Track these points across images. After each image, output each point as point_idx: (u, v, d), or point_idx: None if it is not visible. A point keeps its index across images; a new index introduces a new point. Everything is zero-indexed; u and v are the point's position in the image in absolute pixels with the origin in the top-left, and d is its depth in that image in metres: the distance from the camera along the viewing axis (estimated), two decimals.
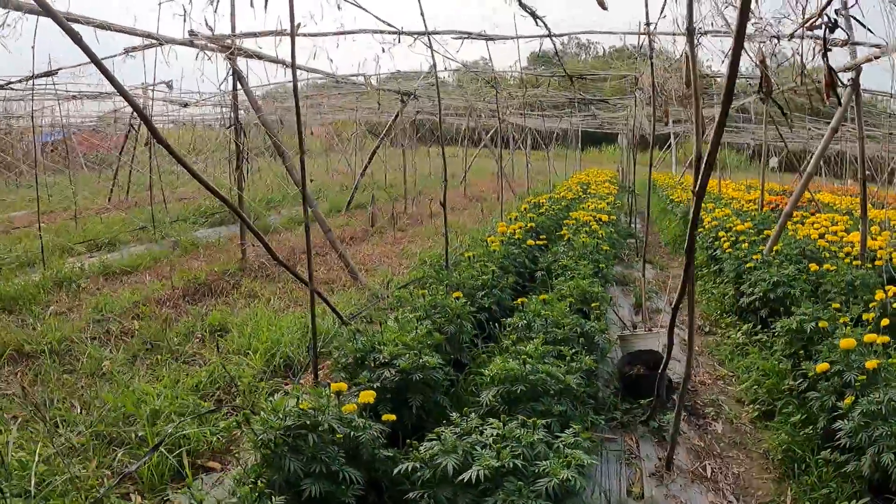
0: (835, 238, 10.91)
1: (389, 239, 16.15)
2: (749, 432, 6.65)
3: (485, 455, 3.70)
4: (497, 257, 9.11)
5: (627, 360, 7.11)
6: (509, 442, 3.87)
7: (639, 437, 6.19)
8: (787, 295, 8.42)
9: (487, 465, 3.57)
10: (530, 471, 3.68)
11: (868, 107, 16.56)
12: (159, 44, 9.13)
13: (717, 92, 14.99)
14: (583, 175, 31.25)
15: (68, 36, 4.28)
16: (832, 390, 5.61)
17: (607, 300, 8.30)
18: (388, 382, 5.03)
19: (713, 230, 13.23)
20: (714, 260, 12.08)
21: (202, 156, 16.72)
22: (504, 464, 3.59)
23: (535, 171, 30.97)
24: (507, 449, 3.75)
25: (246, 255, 12.24)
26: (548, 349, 5.48)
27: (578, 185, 23.66)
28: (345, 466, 3.88)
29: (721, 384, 7.82)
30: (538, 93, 19.12)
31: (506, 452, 3.70)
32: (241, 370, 7.04)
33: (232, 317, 8.81)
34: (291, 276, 6.27)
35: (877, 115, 19.29)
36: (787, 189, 25.67)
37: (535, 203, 15.98)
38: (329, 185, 26.87)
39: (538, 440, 3.89)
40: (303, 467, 3.77)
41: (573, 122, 31.64)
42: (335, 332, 8.09)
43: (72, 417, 5.84)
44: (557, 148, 39.11)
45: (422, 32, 9.36)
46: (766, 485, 5.69)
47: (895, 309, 6.88)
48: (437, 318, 6.45)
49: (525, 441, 3.85)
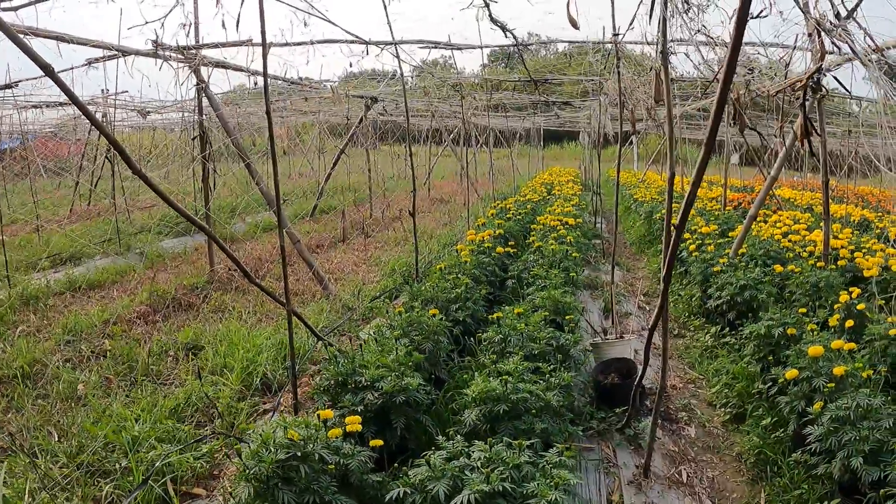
0: (798, 238, 11.11)
1: (357, 245, 16.14)
2: (721, 435, 6.78)
3: (474, 479, 3.77)
4: (468, 268, 9.15)
5: (600, 368, 7.21)
6: (496, 464, 3.93)
7: (615, 445, 6.28)
8: (753, 298, 8.58)
9: (478, 489, 3.64)
10: (518, 492, 3.75)
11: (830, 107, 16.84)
12: (122, 55, 9.09)
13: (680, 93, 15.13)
14: (546, 175, 31.43)
15: (20, 49, 4.23)
16: (801, 395, 5.74)
17: (580, 310, 8.38)
18: (371, 405, 5.08)
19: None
20: (680, 262, 12.23)
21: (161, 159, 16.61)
22: (494, 487, 3.67)
23: (499, 169, 31.05)
24: (496, 472, 3.81)
25: (214, 267, 12.19)
26: (526, 366, 5.55)
27: (543, 186, 23.77)
28: (337, 495, 3.93)
29: (692, 388, 7.95)
30: (501, 96, 19.19)
31: (495, 476, 3.77)
32: (219, 391, 7.03)
33: (205, 333, 8.76)
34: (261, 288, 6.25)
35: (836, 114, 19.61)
36: (748, 184, 26.02)
37: (502, 208, 16.07)
38: (292, 189, 26.71)
39: (524, 462, 3.97)
40: (296, 498, 3.80)
41: (535, 122, 31.80)
42: (310, 349, 8.15)
43: (50, 446, 5.78)
44: (520, 146, 39.25)
45: (389, 42, 9.41)
46: (740, 487, 5.82)
47: (860, 310, 7.05)
48: (415, 335, 6.49)
49: (512, 463, 3.91)
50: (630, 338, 8.04)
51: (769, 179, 10.67)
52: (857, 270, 9.11)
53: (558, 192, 21.60)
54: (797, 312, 7.42)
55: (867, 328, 6.58)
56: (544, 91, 18.58)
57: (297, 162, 34.23)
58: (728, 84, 3.27)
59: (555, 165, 43.82)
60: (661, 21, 5.29)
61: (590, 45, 10.72)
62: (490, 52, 16.14)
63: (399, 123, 28.17)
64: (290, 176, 31.83)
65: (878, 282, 8.41)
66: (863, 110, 15.54)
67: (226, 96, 17.10)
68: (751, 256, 10.33)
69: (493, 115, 23.98)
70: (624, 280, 13.12)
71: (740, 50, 3.36)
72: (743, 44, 3.45)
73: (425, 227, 17.89)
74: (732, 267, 9.60)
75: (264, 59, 5.75)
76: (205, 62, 9.88)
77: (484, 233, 11.45)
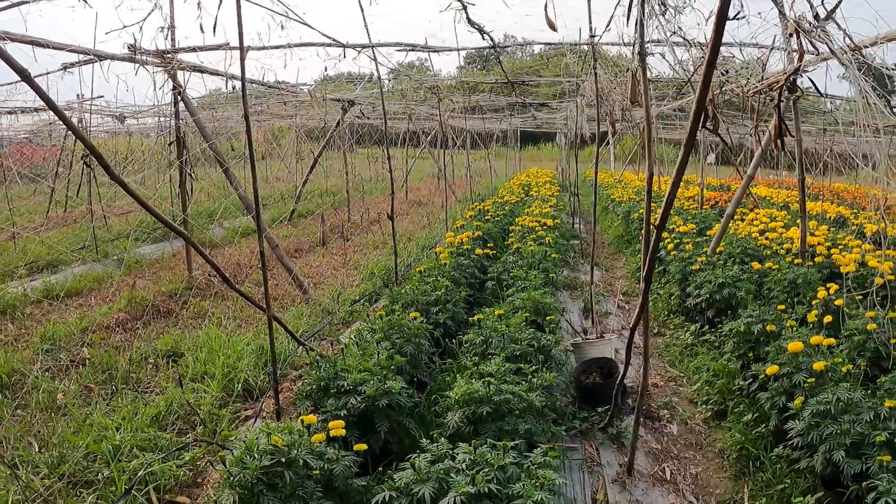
0: (775, 235, 11.19)
1: (336, 250, 16.10)
2: (703, 432, 6.81)
3: (459, 481, 3.77)
4: (448, 270, 9.16)
5: (582, 368, 7.24)
6: (481, 466, 3.94)
7: (598, 444, 6.30)
8: (732, 295, 8.63)
9: (464, 491, 3.64)
10: (504, 493, 3.75)
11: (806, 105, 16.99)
12: (98, 59, 9.04)
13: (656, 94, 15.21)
14: (524, 176, 31.47)
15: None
16: (782, 391, 5.79)
17: (560, 311, 8.40)
18: (354, 409, 5.07)
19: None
20: (658, 261, 12.29)
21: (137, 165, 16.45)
22: (479, 489, 3.67)
23: (476, 171, 31.10)
24: (481, 474, 3.81)
25: (192, 273, 12.12)
26: (508, 367, 5.56)
27: (520, 187, 23.81)
28: (322, 500, 3.93)
29: (673, 385, 7.98)
30: (478, 98, 19.22)
31: (480, 477, 3.76)
32: (200, 398, 6.99)
33: (184, 340, 8.71)
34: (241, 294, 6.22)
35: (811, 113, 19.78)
36: (725, 183, 26.20)
37: (480, 210, 16.08)
38: (270, 193, 26.60)
39: (509, 463, 3.97)
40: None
41: (512, 124, 31.87)
42: (291, 354, 8.12)
43: (31, 457, 5.71)
44: (497, 148, 39.33)
45: (366, 45, 9.42)
46: (723, 483, 5.86)
47: (838, 306, 7.10)
48: (396, 338, 6.49)
49: (497, 464, 3.91)
50: (611, 337, 8.07)
51: (746, 178, 10.74)
52: (834, 267, 9.19)
53: (536, 193, 21.64)
54: (776, 309, 7.49)
55: (845, 324, 6.64)
56: (521, 93, 18.63)
57: (274, 166, 34.12)
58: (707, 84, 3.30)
59: (532, 167, 43.88)
60: (639, 22, 5.32)
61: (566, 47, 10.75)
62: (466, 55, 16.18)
63: (376, 126, 28.16)
64: (267, 180, 31.73)
65: (854, 277, 8.49)
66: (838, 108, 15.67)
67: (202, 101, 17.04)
68: (729, 254, 10.40)
69: (470, 117, 24.02)
70: (603, 280, 13.16)
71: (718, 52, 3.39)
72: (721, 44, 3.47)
73: (404, 230, 17.88)
74: (710, 265, 9.66)
75: (242, 63, 5.74)
76: (182, 66, 9.83)
77: (462, 235, 11.46)
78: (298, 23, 7.72)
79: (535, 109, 24.17)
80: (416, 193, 28.67)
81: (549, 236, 11.92)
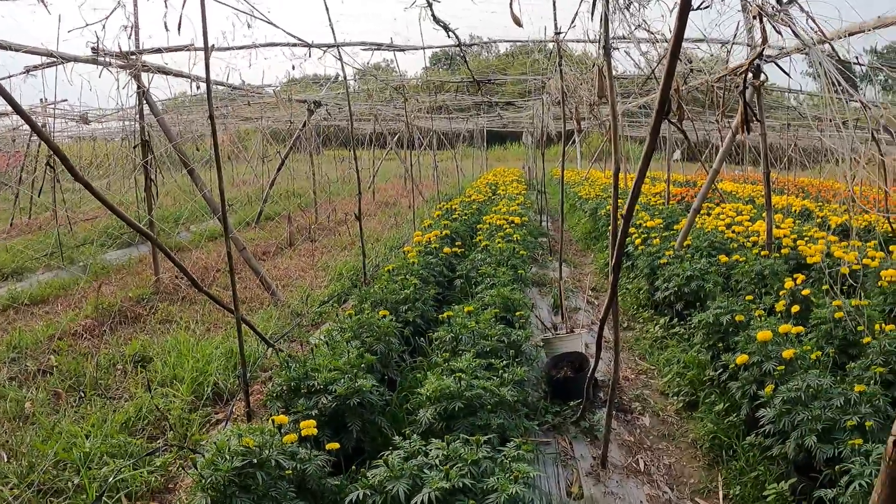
0: (741, 228, 11.28)
1: (304, 251, 16.01)
2: (675, 423, 6.86)
3: (433, 477, 3.74)
4: (416, 269, 9.14)
5: (553, 363, 7.25)
6: (455, 461, 3.92)
7: (571, 438, 6.31)
8: (700, 288, 8.70)
9: (438, 486, 3.61)
10: (478, 488, 3.74)
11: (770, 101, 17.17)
12: (62, 61, 8.93)
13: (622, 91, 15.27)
14: (491, 175, 31.53)
15: None
16: (752, 379, 5.84)
17: (529, 306, 8.41)
18: (325, 409, 5.03)
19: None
20: (626, 256, 12.33)
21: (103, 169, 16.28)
22: (454, 484, 3.65)
23: (443, 171, 31.09)
24: (455, 469, 3.79)
25: (160, 278, 11.99)
26: (479, 363, 5.55)
27: (487, 187, 23.83)
28: (296, 500, 3.89)
29: (644, 378, 8.02)
30: (444, 98, 19.20)
31: (454, 472, 3.75)
32: (170, 402, 6.91)
33: (153, 345, 8.62)
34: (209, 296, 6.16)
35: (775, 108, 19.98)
36: (690, 179, 26.40)
37: (448, 209, 16.07)
38: (236, 196, 26.39)
39: (483, 457, 3.95)
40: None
41: (479, 123, 31.89)
42: (260, 356, 8.05)
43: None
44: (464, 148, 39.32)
45: (331, 45, 9.37)
46: (697, 472, 5.91)
47: (805, 296, 7.17)
48: (366, 337, 6.46)
49: (470, 459, 3.90)
50: (580, 332, 8.10)
51: (711, 172, 10.81)
52: (800, 258, 9.27)
53: (503, 192, 21.68)
54: (744, 300, 7.54)
55: (813, 312, 6.70)
56: (487, 92, 18.64)
57: (241, 168, 33.83)
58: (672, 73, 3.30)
59: (499, 166, 44.00)
60: (603, 17, 5.33)
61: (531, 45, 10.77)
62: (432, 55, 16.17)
63: (342, 127, 28.04)
64: (234, 183, 31.43)
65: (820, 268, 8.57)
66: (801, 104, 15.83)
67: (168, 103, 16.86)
68: (696, 248, 10.47)
69: (437, 117, 24.00)
70: (571, 276, 13.20)
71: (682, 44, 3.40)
72: (684, 38, 3.49)
73: (372, 231, 17.83)
74: (678, 259, 9.72)
75: (206, 63, 5.68)
76: (146, 68, 9.73)
77: (430, 234, 11.44)
78: (264, 22, 7.67)
79: (501, 108, 24.22)
80: (384, 194, 28.59)
81: (516, 234, 11.94)
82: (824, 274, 7.74)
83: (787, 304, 7.07)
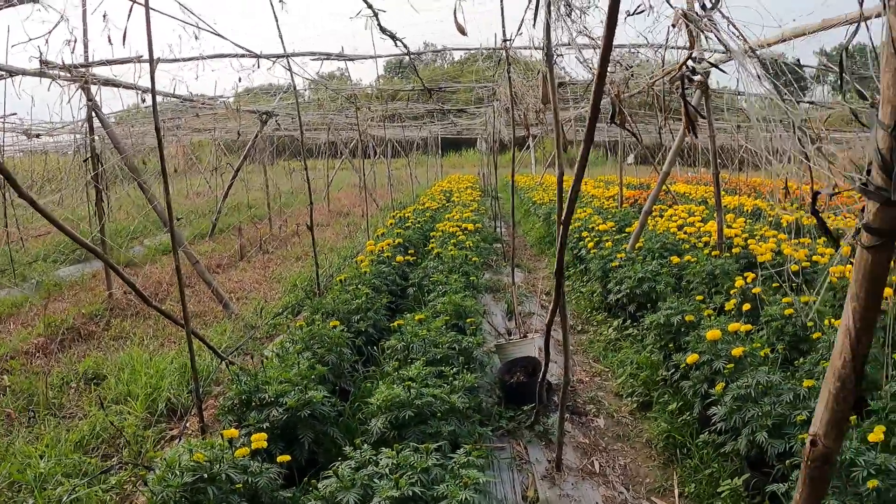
0: (693, 229, 11.38)
1: (258, 263, 15.88)
2: (630, 424, 6.90)
3: (383, 486, 3.72)
4: (368, 278, 9.10)
5: (506, 368, 7.24)
6: (405, 470, 3.90)
7: (526, 442, 6.31)
8: (652, 289, 8.75)
9: (388, 496, 3.59)
10: (429, 495, 3.72)
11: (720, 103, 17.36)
12: (9, 75, 8.77)
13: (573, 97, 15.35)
14: (445, 183, 31.51)
15: None
16: (703, 378, 5.89)
17: (481, 313, 8.40)
18: (276, 421, 4.99)
19: (577, 230, 13.55)
20: (580, 259, 12.40)
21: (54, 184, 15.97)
22: (403, 492, 3.62)
23: (397, 179, 31.06)
24: (405, 478, 3.77)
25: (113, 294, 11.81)
26: (430, 371, 5.53)
27: (442, 194, 23.82)
28: None
29: (598, 380, 8.05)
30: (397, 106, 19.18)
31: (404, 481, 3.73)
32: (124, 420, 6.80)
33: (106, 362, 8.49)
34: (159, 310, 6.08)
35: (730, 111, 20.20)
36: (644, 182, 26.61)
37: (401, 217, 16.04)
38: (191, 208, 26.12)
39: (433, 465, 3.93)
40: None
41: (432, 131, 31.91)
42: (214, 370, 7.95)
43: None
44: (418, 155, 39.33)
45: (280, 55, 9.29)
46: (652, 472, 5.95)
47: (755, 294, 7.24)
48: (317, 348, 6.41)
49: (420, 467, 3.88)
50: (534, 336, 8.08)
51: (661, 175, 10.89)
52: (751, 257, 9.37)
53: (457, 199, 21.66)
54: (695, 300, 7.60)
55: (764, 310, 6.77)
56: (439, 99, 18.65)
57: (194, 181, 33.50)
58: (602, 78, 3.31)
59: (454, 173, 44.03)
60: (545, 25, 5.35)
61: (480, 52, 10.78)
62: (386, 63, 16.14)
63: (296, 137, 27.87)
64: (188, 196, 31.14)
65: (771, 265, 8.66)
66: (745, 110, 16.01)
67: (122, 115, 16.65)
68: (648, 250, 10.54)
69: (390, 126, 23.97)
70: (526, 281, 13.22)
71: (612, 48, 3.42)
72: (616, 45, 3.51)
73: (326, 241, 17.73)
74: (630, 261, 9.78)
75: (152, 76, 5.62)
76: (94, 80, 9.58)
77: (383, 242, 11.41)
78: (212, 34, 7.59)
79: (454, 116, 24.24)
80: (338, 204, 28.44)
81: (469, 240, 11.93)
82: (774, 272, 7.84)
83: (738, 303, 7.14)
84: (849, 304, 2.14)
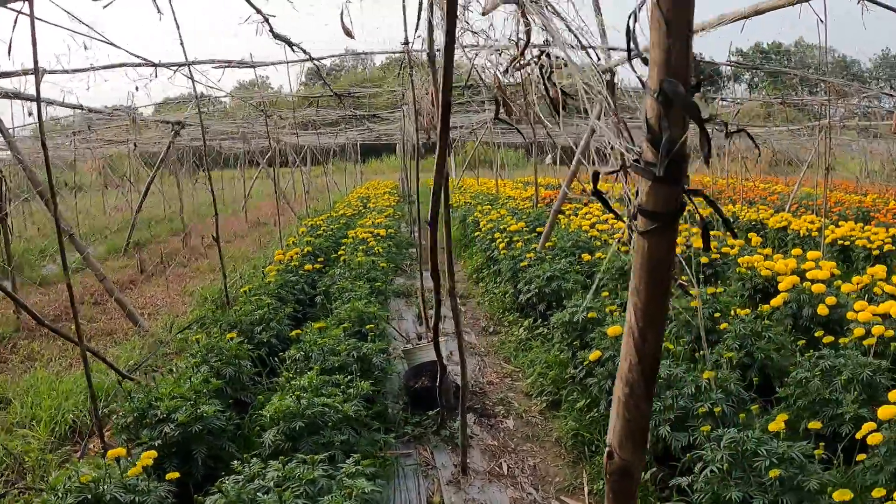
0: (605, 227, 11.47)
1: (173, 277, 15.53)
2: (540, 424, 6.88)
3: (267, 500, 3.62)
4: (272, 289, 8.97)
5: (412, 373, 7.19)
6: (291, 482, 3.81)
7: (432, 447, 6.27)
8: (561, 288, 8.76)
9: None
10: None
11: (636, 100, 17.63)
12: None
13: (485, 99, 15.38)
14: (363, 189, 31.39)
15: None
16: (607, 374, 5.89)
17: (384, 318, 8.33)
18: (170, 438, 4.87)
19: (490, 232, 13.55)
20: (492, 261, 12.39)
21: None
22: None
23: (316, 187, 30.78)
24: (289, 491, 3.68)
25: (21, 315, 11.41)
26: (324, 380, 5.44)
27: (359, 200, 23.71)
28: None
29: (509, 381, 8.02)
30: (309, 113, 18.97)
31: (288, 494, 3.65)
32: (27, 444, 6.55)
33: (12, 385, 8.18)
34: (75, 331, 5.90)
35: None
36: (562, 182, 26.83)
37: (313, 225, 15.89)
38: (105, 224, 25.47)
39: (319, 476, 3.84)
40: None
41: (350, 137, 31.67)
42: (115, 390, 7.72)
43: None
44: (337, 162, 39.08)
45: (181, 63, 9.05)
46: (562, 471, 5.93)
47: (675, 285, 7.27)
48: (215, 361, 6.25)
49: (306, 479, 3.79)
50: (443, 340, 8.03)
51: (570, 174, 10.97)
52: None
53: (374, 204, 21.58)
54: (601, 297, 7.61)
55: (672, 302, 6.80)
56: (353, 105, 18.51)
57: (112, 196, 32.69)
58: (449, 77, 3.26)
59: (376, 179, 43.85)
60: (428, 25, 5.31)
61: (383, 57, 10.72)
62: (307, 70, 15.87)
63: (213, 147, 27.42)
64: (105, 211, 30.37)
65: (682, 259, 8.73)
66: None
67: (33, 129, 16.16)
68: (560, 248, 10.57)
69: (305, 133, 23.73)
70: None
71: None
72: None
73: (243, 252, 17.44)
74: (540, 260, 9.79)
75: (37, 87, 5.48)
76: None
77: (292, 251, 11.30)
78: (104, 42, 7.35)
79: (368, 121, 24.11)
80: (257, 213, 28.05)
81: (378, 246, 11.87)
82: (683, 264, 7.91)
83: None
84: (630, 299, 1.91)
